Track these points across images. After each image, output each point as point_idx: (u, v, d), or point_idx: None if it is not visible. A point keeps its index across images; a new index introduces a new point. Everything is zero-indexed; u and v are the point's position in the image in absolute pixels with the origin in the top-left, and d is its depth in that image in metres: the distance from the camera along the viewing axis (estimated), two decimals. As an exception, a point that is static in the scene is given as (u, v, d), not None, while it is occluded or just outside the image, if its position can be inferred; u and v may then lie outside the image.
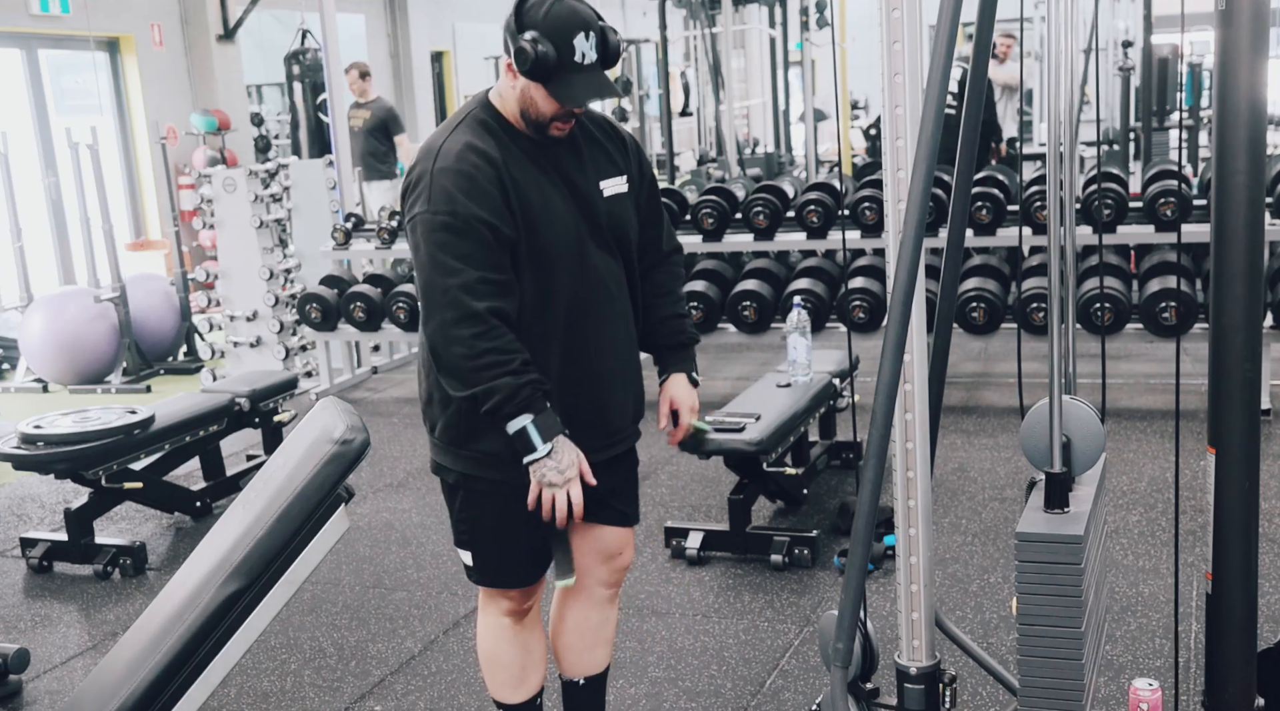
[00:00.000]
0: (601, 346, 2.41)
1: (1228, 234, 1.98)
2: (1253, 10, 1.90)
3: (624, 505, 2.63)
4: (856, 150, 11.73)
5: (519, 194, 2.28)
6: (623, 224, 2.43)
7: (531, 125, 2.32)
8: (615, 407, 2.49)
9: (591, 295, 2.38)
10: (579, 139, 2.41)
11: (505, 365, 2.21)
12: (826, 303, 5.89)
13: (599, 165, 2.42)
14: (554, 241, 2.32)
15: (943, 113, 2.00)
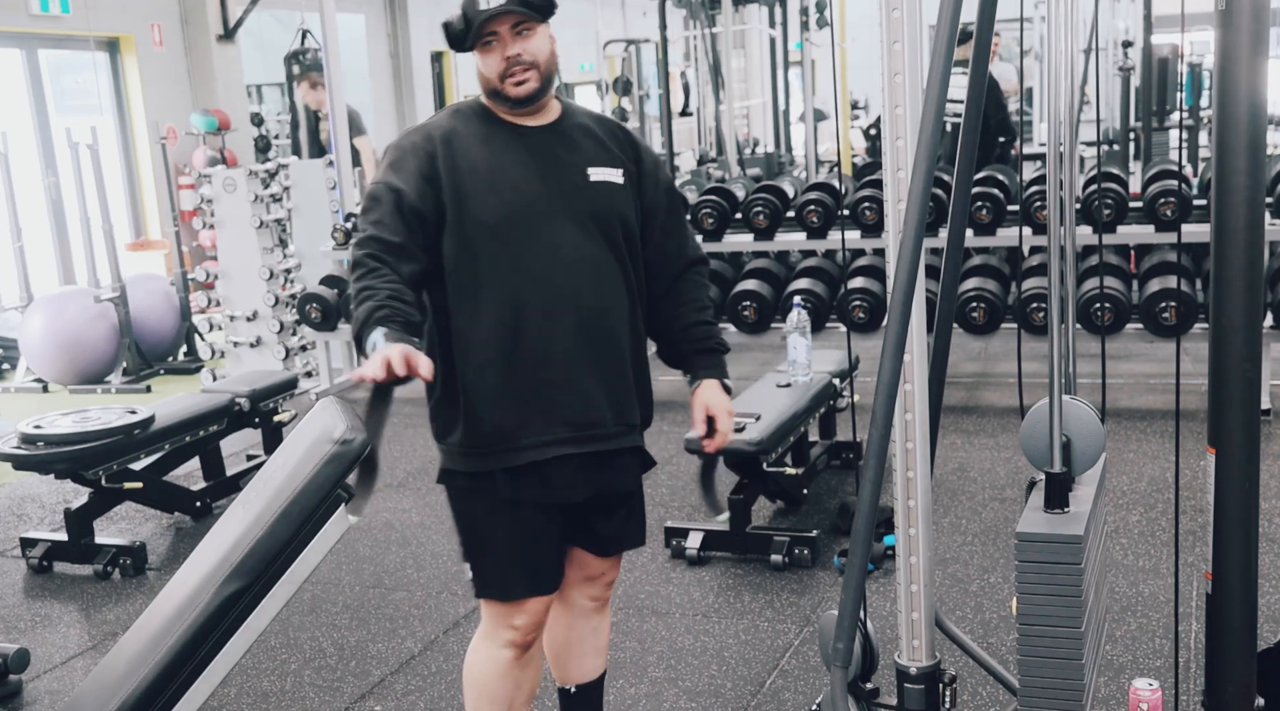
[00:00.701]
0: (564, 325, 2.33)
1: (1228, 234, 1.98)
2: (1253, 10, 1.90)
3: (607, 528, 2.52)
4: (856, 150, 11.73)
5: (456, 166, 2.32)
6: (609, 210, 2.40)
7: (500, 99, 2.34)
8: (580, 394, 2.37)
9: (555, 267, 2.33)
10: (571, 129, 2.42)
11: (372, 296, 2.20)
12: (826, 303, 5.89)
13: (589, 153, 2.41)
14: (495, 211, 2.31)
15: (943, 113, 2.00)
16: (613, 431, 2.42)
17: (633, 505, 2.56)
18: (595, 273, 2.37)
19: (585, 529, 2.50)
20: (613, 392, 2.41)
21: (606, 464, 2.43)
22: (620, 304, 2.43)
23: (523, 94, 2.32)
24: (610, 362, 2.40)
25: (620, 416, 2.43)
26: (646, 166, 2.49)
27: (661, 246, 2.50)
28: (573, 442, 2.36)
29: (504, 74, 2.30)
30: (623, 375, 2.43)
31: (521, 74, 2.30)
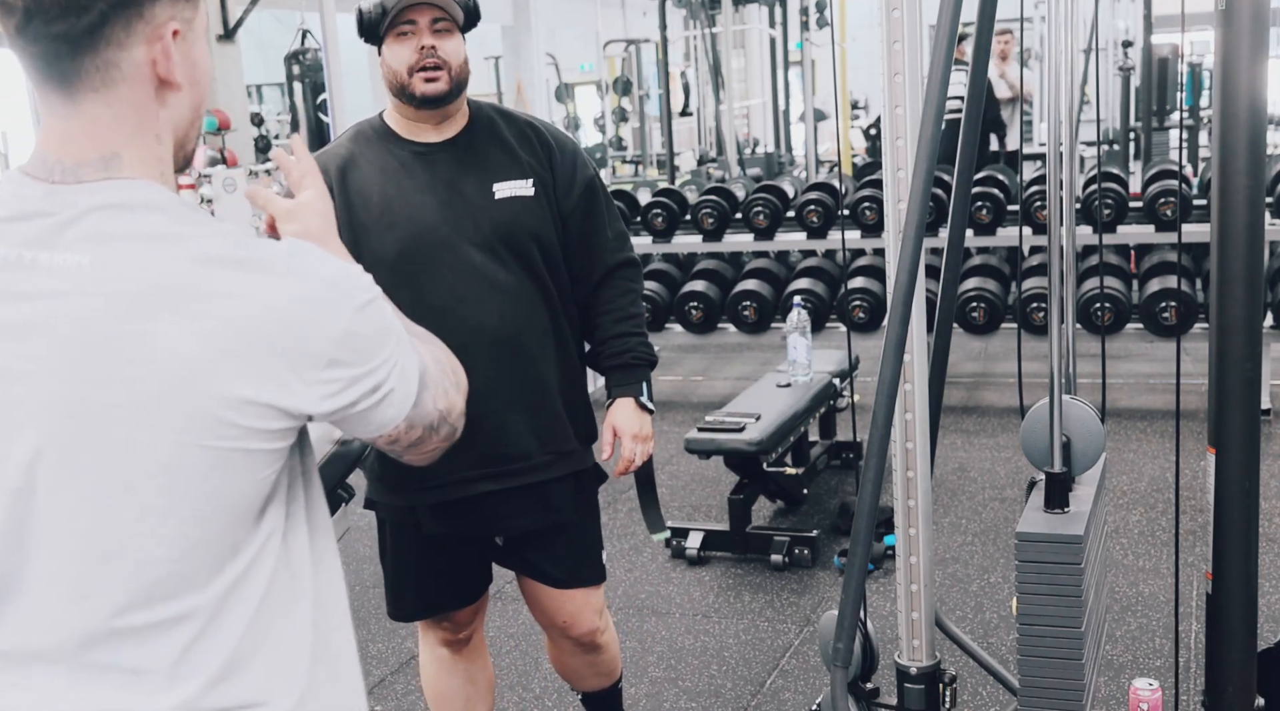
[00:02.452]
0: (476, 358, 1.96)
1: (1228, 234, 1.98)
2: (1253, 10, 1.90)
3: (545, 562, 2.40)
4: (856, 150, 11.73)
5: (351, 202, 2.24)
6: (519, 229, 2.27)
7: (408, 98, 2.23)
8: (498, 428, 2.25)
9: (460, 298, 2.22)
10: (477, 141, 2.31)
11: None
12: (826, 303, 5.89)
13: (495, 168, 2.29)
14: (392, 246, 2.22)
15: (943, 113, 2.00)
16: (539, 462, 2.31)
17: (574, 536, 2.43)
18: (506, 299, 2.25)
19: (528, 564, 2.43)
20: (538, 420, 2.30)
21: (534, 494, 2.33)
22: (538, 327, 2.30)
23: (431, 93, 2.22)
24: (531, 391, 2.29)
25: (548, 445, 2.32)
26: (561, 168, 2.35)
27: (581, 252, 2.38)
28: (493, 478, 2.27)
29: (414, 67, 2.20)
30: (547, 402, 2.31)
31: (433, 71, 2.21)
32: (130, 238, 1.07)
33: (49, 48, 1.08)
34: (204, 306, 1.05)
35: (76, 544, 1.09)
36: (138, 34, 1.07)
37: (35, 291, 1.06)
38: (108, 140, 1.10)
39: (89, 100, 1.10)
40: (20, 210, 1.10)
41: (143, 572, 1.09)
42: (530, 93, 16.77)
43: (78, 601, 1.10)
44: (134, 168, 1.10)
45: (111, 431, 1.05)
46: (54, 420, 1.06)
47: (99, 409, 1.05)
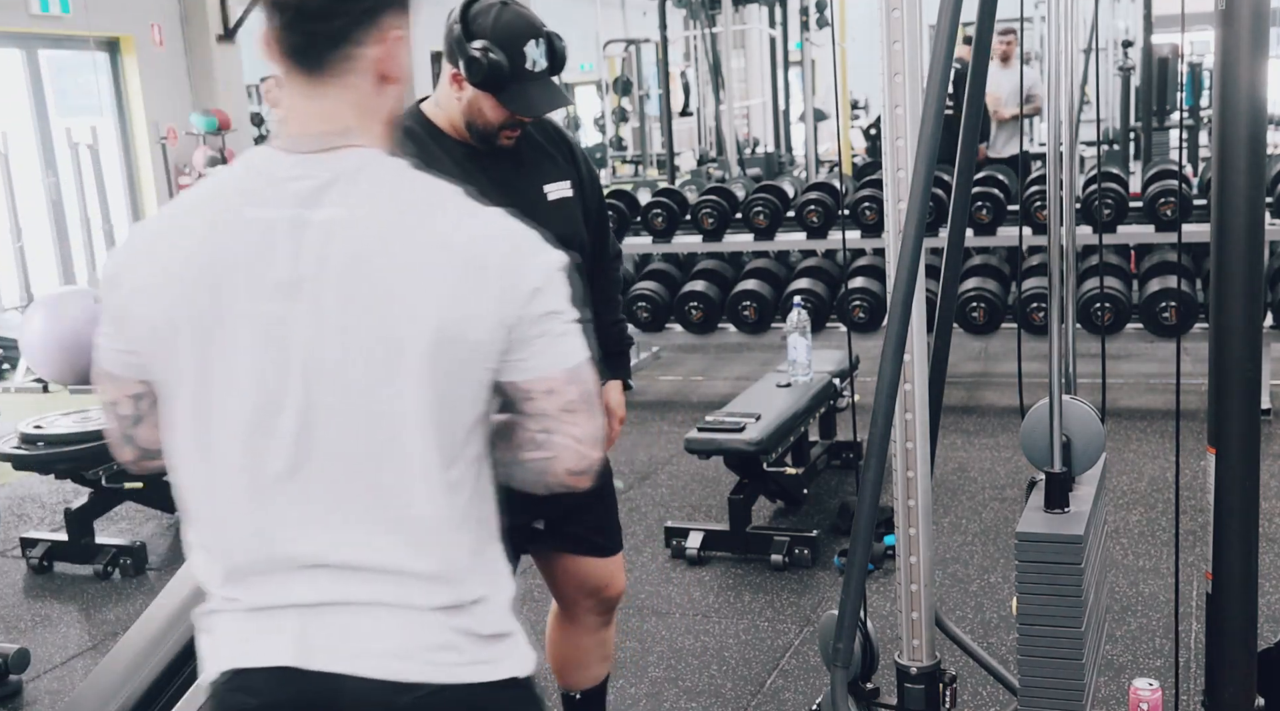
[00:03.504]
0: None
1: (1228, 234, 1.98)
2: (1253, 10, 1.90)
3: (590, 533, 2.51)
4: (856, 150, 11.73)
5: None
6: (569, 228, 2.33)
7: (478, 135, 2.25)
8: None
9: None
10: (522, 146, 2.33)
11: None
12: (826, 303, 5.89)
13: (544, 170, 2.34)
14: None
15: (943, 113, 2.00)
16: None
17: (607, 503, 2.54)
18: None
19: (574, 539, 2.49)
20: None
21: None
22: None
23: (508, 146, 2.28)
24: None
25: None
26: (585, 171, 2.44)
27: (595, 247, 2.48)
28: None
29: (505, 126, 2.23)
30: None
31: (517, 132, 2.26)
32: (378, 192, 1.33)
33: (305, 41, 1.32)
34: (444, 242, 1.32)
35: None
36: (372, 37, 1.33)
37: (310, 245, 1.30)
38: (343, 118, 1.34)
39: (330, 86, 1.34)
40: (283, 176, 1.33)
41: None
42: (530, 93, 16.72)
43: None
44: (365, 139, 1.35)
45: (379, 355, 1.29)
46: (325, 361, 1.30)
47: (365, 338, 1.29)
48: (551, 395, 1.36)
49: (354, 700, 1.32)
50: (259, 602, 1.35)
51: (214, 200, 1.37)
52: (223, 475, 1.34)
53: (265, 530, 1.33)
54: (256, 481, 1.32)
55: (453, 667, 1.34)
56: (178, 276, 1.33)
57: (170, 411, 1.37)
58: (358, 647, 1.32)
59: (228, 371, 1.32)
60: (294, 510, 1.32)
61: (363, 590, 1.33)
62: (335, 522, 1.32)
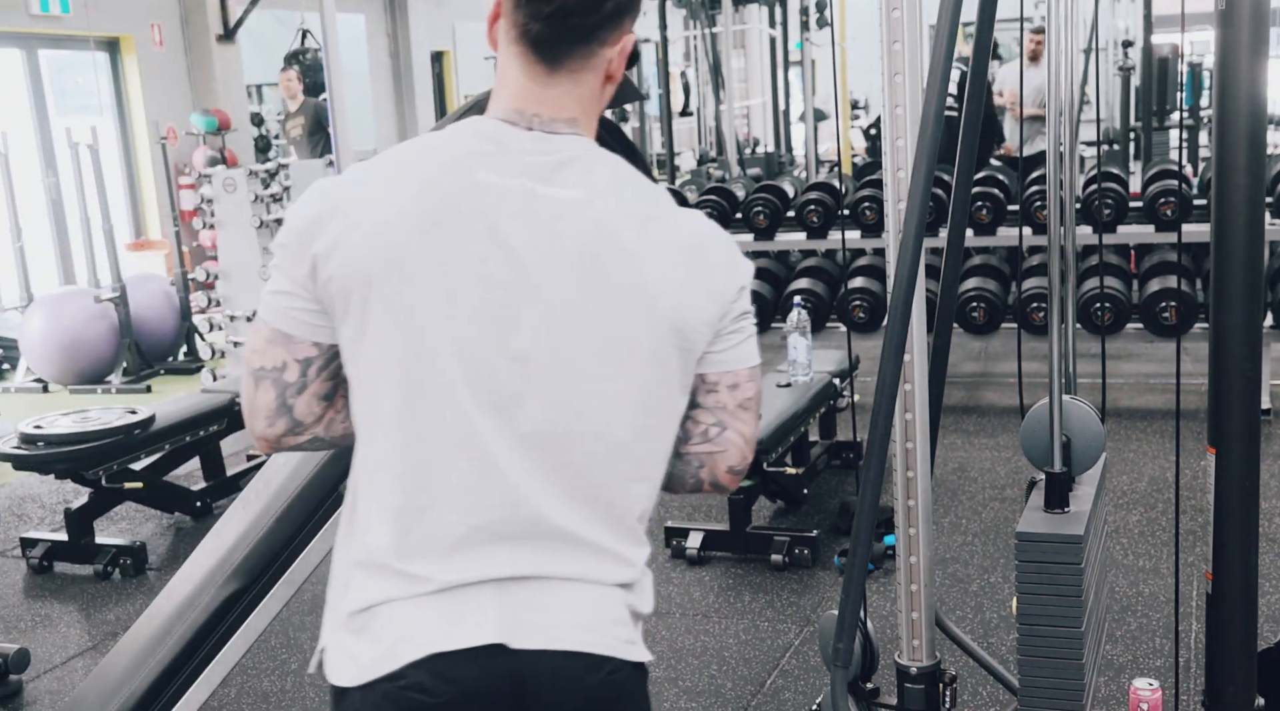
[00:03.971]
0: None
1: (1228, 234, 1.98)
2: (1253, 10, 1.90)
3: None
4: (856, 150, 11.73)
5: None
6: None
7: None
8: None
9: None
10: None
11: None
12: (826, 302, 5.89)
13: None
14: None
15: (943, 113, 2.00)
16: None
17: None
18: None
19: None
20: None
21: None
22: None
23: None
24: None
25: None
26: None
27: None
28: None
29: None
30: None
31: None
32: (610, 180, 1.36)
33: (557, 36, 1.34)
34: (671, 235, 1.36)
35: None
36: (613, 38, 1.36)
37: (542, 218, 1.31)
38: (570, 109, 1.37)
39: (564, 78, 1.36)
40: (517, 148, 1.34)
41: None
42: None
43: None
44: (587, 131, 1.39)
45: (607, 335, 1.32)
46: (558, 334, 1.31)
47: (594, 317, 1.31)
48: (735, 390, 1.41)
49: (553, 677, 1.31)
50: (454, 580, 1.30)
51: (437, 158, 1.34)
52: (434, 440, 1.31)
53: (476, 496, 1.31)
54: (472, 447, 1.30)
55: (626, 645, 1.36)
56: (397, 226, 1.29)
57: (366, 372, 1.32)
58: (558, 621, 1.32)
59: (446, 332, 1.29)
60: (508, 478, 1.31)
61: (562, 563, 1.32)
62: (545, 494, 1.31)
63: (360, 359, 1.32)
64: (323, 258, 1.30)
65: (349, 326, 1.31)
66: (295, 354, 1.34)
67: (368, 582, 1.32)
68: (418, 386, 1.30)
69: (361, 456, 1.35)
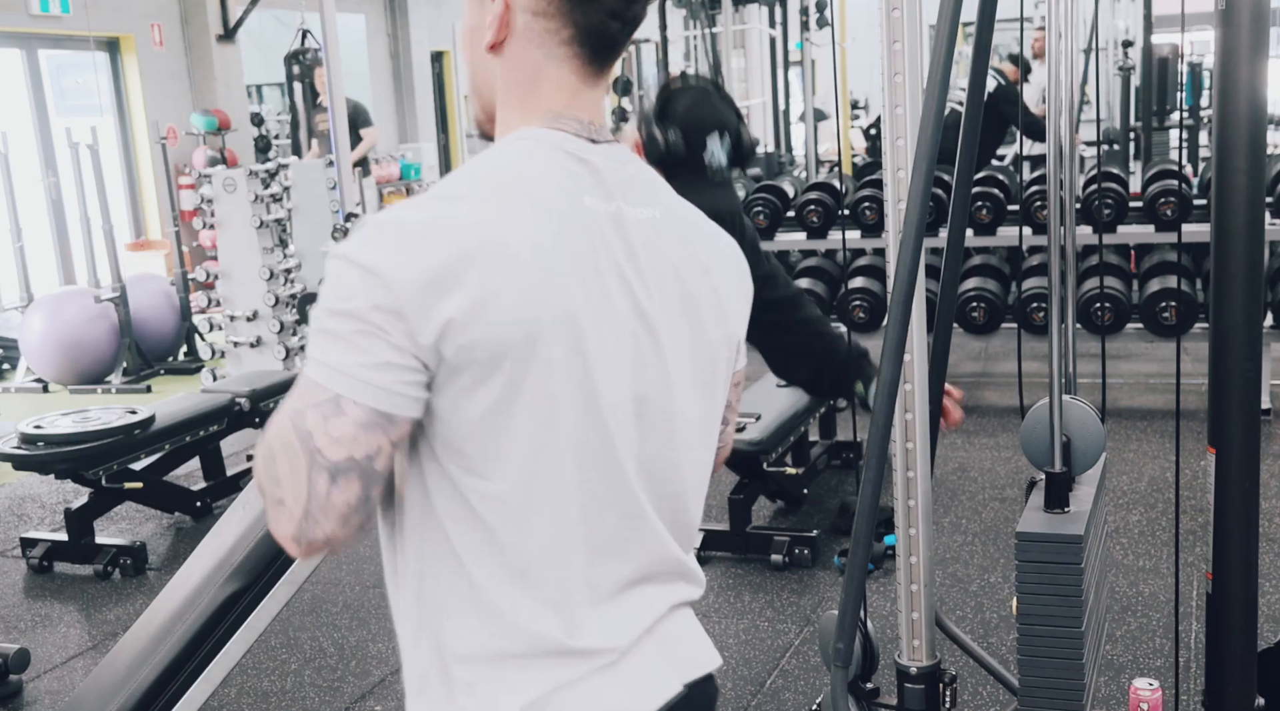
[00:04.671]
0: None
1: (1228, 234, 1.98)
2: (1253, 10, 1.89)
3: None
4: (856, 150, 11.73)
5: None
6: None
7: None
8: None
9: None
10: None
11: None
12: (826, 303, 5.89)
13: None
14: None
15: (943, 113, 2.00)
16: None
17: None
18: None
19: None
20: None
21: None
22: None
23: None
24: None
25: None
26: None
27: None
28: None
29: None
30: None
31: None
32: (665, 189, 1.29)
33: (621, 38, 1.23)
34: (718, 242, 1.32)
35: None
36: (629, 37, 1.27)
37: (639, 243, 1.21)
38: (601, 112, 1.27)
39: (601, 83, 1.26)
40: (600, 165, 1.22)
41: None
42: (530, 93, 16.73)
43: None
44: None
45: (699, 359, 1.26)
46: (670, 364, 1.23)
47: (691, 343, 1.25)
48: (737, 387, 1.40)
49: (704, 701, 1.32)
50: (626, 641, 1.22)
51: (551, 184, 1.17)
52: (603, 501, 1.19)
53: (632, 547, 1.22)
54: (628, 500, 1.21)
55: (711, 658, 1.37)
56: (554, 271, 1.13)
57: (517, 444, 1.13)
58: (695, 647, 1.34)
59: (606, 382, 1.16)
60: (652, 523, 1.23)
61: (678, 591, 1.32)
62: (658, 532, 1.25)
63: (511, 428, 1.12)
64: (463, 320, 1.08)
65: (488, 394, 1.11)
66: (393, 436, 1.11)
67: (532, 674, 1.17)
68: (588, 448, 1.16)
69: (500, 542, 1.15)
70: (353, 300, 1.08)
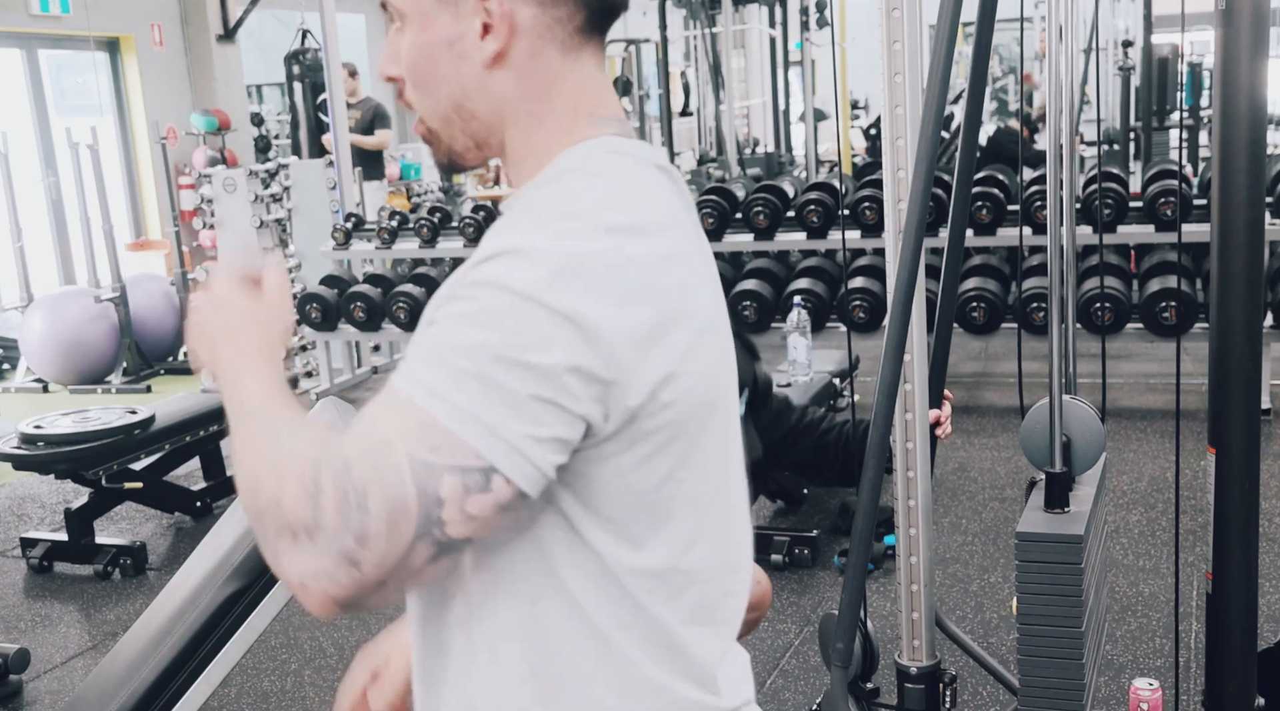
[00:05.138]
0: None
1: (1228, 234, 1.98)
2: (1253, 10, 1.90)
3: None
4: (856, 150, 11.73)
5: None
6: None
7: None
8: None
9: None
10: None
11: None
12: (826, 303, 5.89)
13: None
14: None
15: (943, 112, 2.00)
16: None
17: None
18: None
19: None
20: None
21: None
22: None
23: None
24: None
25: None
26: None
27: None
28: None
29: None
30: None
31: None
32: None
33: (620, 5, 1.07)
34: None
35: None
36: None
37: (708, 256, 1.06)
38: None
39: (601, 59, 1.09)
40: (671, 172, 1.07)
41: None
42: (530, 93, 16.73)
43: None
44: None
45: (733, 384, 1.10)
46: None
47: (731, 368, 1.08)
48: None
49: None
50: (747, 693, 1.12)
51: (667, 203, 1.02)
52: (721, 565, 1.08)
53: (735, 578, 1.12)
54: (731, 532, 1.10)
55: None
56: (721, 319, 1.03)
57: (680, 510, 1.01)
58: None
59: (731, 440, 1.08)
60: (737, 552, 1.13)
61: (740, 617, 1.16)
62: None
63: (677, 496, 1.00)
64: (670, 379, 0.94)
65: (668, 460, 0.98)
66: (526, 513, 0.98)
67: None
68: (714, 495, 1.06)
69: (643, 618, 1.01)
70: (546, 353, 0.88)
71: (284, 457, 0.92)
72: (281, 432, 0.95)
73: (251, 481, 0.95)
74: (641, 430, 0.94)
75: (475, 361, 0.88)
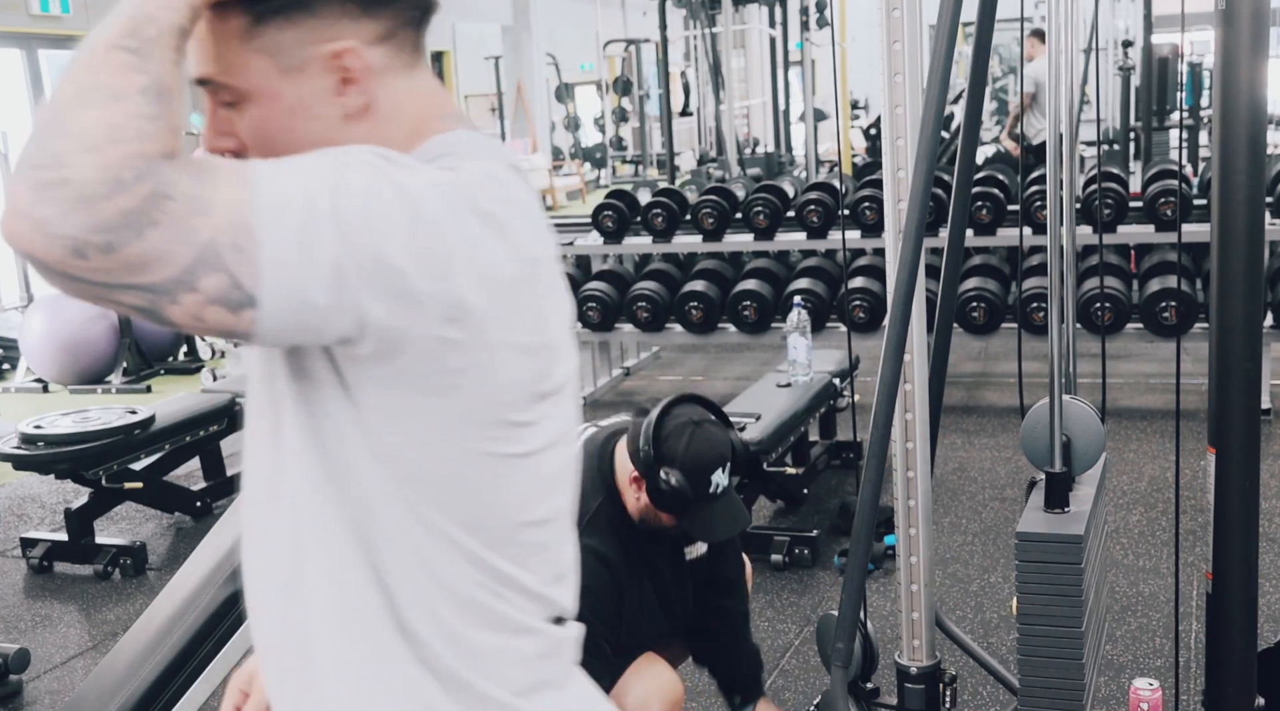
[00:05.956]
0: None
1: (1228, 234, 1.98)
2: (1253, 10, 1.90)
3: None
4: (856, 150, 11.73)
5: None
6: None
7: (647, 529, 2.34)
8: None
9: None
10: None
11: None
12: (826, 302, 5.89)
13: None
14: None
15: (943, 112, 2.01)
16: None
17: None
18: None
19: None
20: None
21: None
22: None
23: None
24: None
25: None
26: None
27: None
28: None
29: (676, 531, 2.34)
30: None
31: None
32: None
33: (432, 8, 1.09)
34: None
35: None
36: None
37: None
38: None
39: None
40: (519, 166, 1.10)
41: None
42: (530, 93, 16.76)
43: None
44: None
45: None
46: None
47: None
48: None
49: None
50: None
51: (529, 200, 1.06)
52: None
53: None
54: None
55: None
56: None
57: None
58: None
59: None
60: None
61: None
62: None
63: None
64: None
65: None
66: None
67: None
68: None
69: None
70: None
71: (126, 124, 0.87)
72: (150, 95, 0.90)
73: (68, 112, 0.89)
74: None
75: (330, 216, 0.88)
